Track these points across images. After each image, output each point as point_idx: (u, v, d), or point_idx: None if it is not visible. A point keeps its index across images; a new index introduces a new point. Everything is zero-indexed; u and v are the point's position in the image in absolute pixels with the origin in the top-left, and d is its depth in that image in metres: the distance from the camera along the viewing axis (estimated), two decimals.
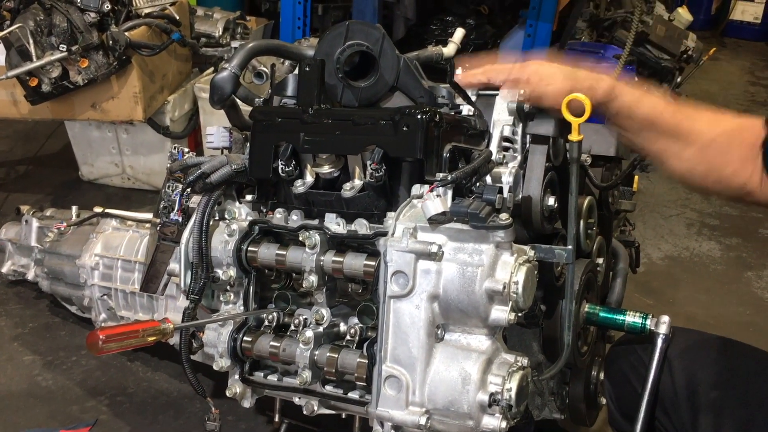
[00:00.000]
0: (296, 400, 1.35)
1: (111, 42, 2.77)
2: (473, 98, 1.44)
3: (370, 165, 1.23)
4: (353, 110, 1.36)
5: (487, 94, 1.45)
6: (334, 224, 1.29)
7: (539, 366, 1.55)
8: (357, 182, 1.29)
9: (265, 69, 1.87)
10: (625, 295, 1.82)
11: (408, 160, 1.27)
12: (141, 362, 2.31)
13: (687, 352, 1.44)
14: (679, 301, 2.88)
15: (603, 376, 1.69)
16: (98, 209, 2.27)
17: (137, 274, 2.08)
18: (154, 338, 1.14)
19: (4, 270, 2.54)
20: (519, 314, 1.17)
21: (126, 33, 2.83)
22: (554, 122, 1.38)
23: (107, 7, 2.75)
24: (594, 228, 1.64)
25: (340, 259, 1.26)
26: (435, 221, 1.18)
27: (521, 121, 1.40)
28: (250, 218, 1.38)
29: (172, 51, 3.22)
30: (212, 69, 3.44)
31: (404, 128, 1.23)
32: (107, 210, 2.26)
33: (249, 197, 1.42)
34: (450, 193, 1.21)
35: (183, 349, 1.38)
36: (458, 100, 1.43)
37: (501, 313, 1.15)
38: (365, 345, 1.26)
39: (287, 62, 1.92)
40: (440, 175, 1.21)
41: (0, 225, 2.59)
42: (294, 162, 1.32)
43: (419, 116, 1.22)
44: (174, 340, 1.35)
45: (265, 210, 1.40)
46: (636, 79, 3.90)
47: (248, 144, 1.40)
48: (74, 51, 2.69)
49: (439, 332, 1.20)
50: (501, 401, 1.14)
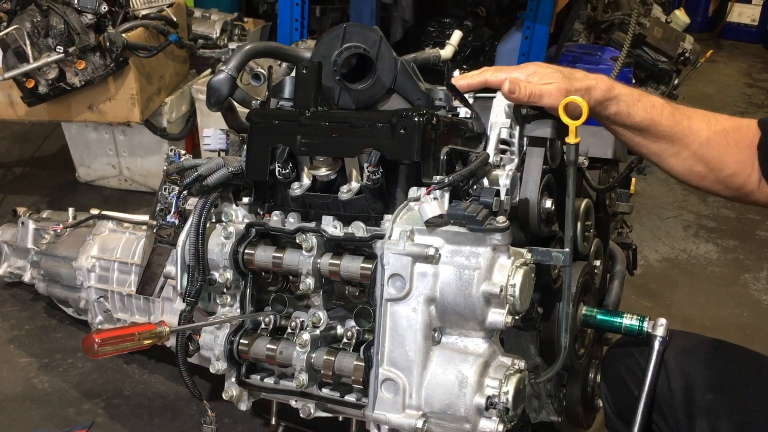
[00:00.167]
0: (293, 403, 1.35)
1: (108, 43, 2.77)
2: (470, 101, 1.44)
3: (367, 167, 1.23)
4: (350, 113, 1.36)
5: (485, 97, 1.44)
6: (331, 227, 1.29)
7: (536, 369, 1.54)
8: (354, 185, 1.29)
9: (263, 71, 1.86)
10: (623, 298, 1.83)
11: (405, 163, 1.26)
12: (137, 365, 2.30)
13: (683, 355, 1.44)
14: (676, 304, 2.88)
15: (600, 379, 1.69)
16: (95, 211, 2.27)
17: (134, 277, 2.08)
18: (150, 341, 1.13)
19: (1, 272, 2.54)
20: (516, 317, 1.17)
21: (123, 34, 2.83)
22: (551, 125, 1.38)
23: (104, 9, 2.75)
24: (591, 230, 1.64)
25: (337, 262, 1.25)
26: (432, 224, 1.18)
27: (518, 124, 1.40)
28: (247, 221, 1.37)
29: (170, 52, 3.22)
30: (209, 71, 3.44)
31: (401, 131, 1.23)
32: (104, 212, 2.26)
33: (246, 200, 1.42)
34: (447, 196, 1.20)
35: (179, 352, 1.37)
36: (455, 103, 1.43)
37: (498, 316, 1.15)
38: (362, 348, 1.26)
39: (284, 64, 1.91)
40: (437, 178, 1.21)
41: None
42: (291, 164, 1.32)
43: (416, 119, 1.22)
44: (170, 343, 1.35)
45: (262, 212, 1.39)
46: (633, 81, 3.91)
47: (245, 146, 1.40)
48: (71, 52, 2.68)
49: (436, 335, 1.19)
50: (498, 404, 1.14)
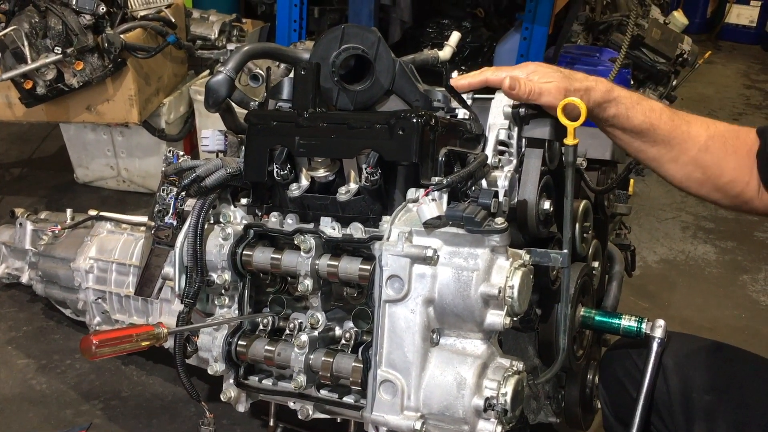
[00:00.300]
0: (291, 405, 1.35)
1: (106, 44, 2.76)
2: (469, 102, 1.44)
3: (366, 169, 1.23)
4: (349, 114, 1.36)
5: (483, 98, 1.44)
6: (330, 228, 1.28)
7: (535, 370, 1.54)
8: (352, 186, 1.29)
9: (261, 72, 1.87)
10: (621, 299, 1.83)
11: (403, 164, 1.26)
12: (135, 366, 2.30)
13: (681, 357, 1.44)
14: (675, 305, 2.88)
15: (597, 381, 1.69)
16: (93, 212, 2.27)
17: (132, 278, 2.07)
18: (148, 343, 1.13)
19: None
20: (514, 318, 1.17)
21: (121, 35, 2.82)
22: (550, 126, 1.38)
23: (102, 10, 2.75)
24: (590, 232, 1.64)
25: (336, 263, 1.25)
26: (430, 225, 1.18)
27: (517, 125, 1.40)
28: (245, 222, 1.37)
29: (168, 53, 3.22)
30: (208, 72, 3.43)
31: (400, 132, 1.22)
32: (102, 213, 2.26)
33: (244, 201, 1.42)
34: (445, 197, 1.20)
35: (177, 353, 1.37)
36: (454, 104, 1.43)
37: (496, 318, 1.15)
38: (360, 349, 1.26)
39: (283, 65, 1.91)
40: (436, 179, 1.21)
41: None
42: (289, 165, 1.31)
43: (415, 120, 1.22)
44: (169, 344, 1.35)
45: (260, 213, 1.39)
46: (631, 83, 3.92)
47: (243, 147, 1.40)
48: (69, 53, 2.68)
49: (435, 336, 1.19)
50: (496, 406, 1.14)
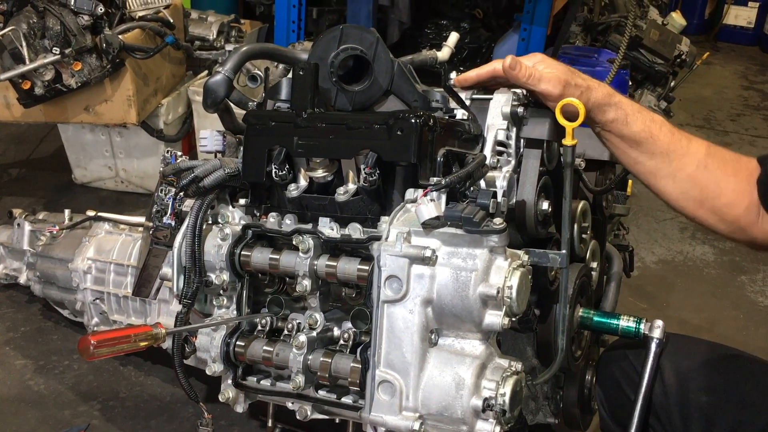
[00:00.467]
0: (289, 405, 1.34)
1: (104, 45, 2.76)
2: (467, 102, 1.44)
3: (364, 169, 1.23)
4: (347, 114, 1.36)
5: (481, 98, 1.44)
6: (328, 228, 1.28)
7: (533, 370, 1.54)
8: (351, 186, 1.29)
9: (259, 72, 1.87)
10: (619, 300, 1.83)
11: (402, 165, 1.26)
12: (133, 366, 2.30)
13: (678, 357, 1.44)
14: (673, 305, 2.88)
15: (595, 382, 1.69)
16: (91, 213, 2.27)
17: (130, 278, 2.07)
18: (146, 343, 1.13)
19: None
20: (513, 319, 1.17)
21: (120, 36, 2.82)
22: (548, 126, 1.38)
23: (101, 10, 2.75)
24: (588, 232, 1.64)
25: (334, 264, 1.25)
26: (429, 226, 1.18)
27: (515, 126, 1.40)
28: (244, 222, 1.37)
29: (166, 54, 3.22)
30: (206, 72, 3.43)
31: (398, 132, 1.22)
32: (100, 213, 2.26)
33: (242, 201, 1.41)
34: (444, 198, 1.20)
35: (176, 354, 1.37)
36: (452, 104, 1.43)
37: (495, 318, 1.15)
38: (359, 350, 1.26)
39: (281, 66, 1.91)
40: (434, 180, 1.21)
41: None
42: (287, 166, 1.31)
43: (413, 120, 1.22)
44: (167, 345, 1.34)
45: (259, 214, 1.39)
46: (630, 84, 3.92)
47: (242, 148, 1.40)
48: (67, 54, 2.68)
49: (433, 337, 1.19)
50: (495, 406, 1.13)
